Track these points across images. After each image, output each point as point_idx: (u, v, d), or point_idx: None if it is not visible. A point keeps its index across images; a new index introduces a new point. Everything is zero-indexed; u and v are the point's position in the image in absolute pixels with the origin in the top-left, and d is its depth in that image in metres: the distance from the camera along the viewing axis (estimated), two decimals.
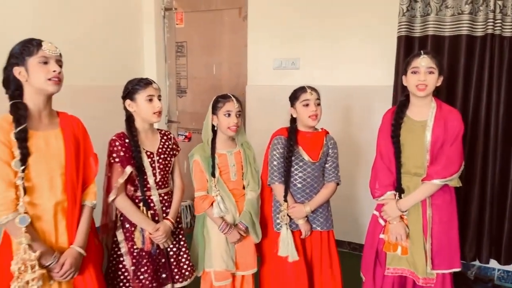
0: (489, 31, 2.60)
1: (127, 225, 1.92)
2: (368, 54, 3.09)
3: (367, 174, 3.13)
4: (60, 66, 1.62)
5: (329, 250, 2.16)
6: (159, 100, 1.95)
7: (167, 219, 1.95)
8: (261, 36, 3.41)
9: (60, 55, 1.63)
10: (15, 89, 1.57)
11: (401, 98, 2.05)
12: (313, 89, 2.16)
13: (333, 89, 3.22)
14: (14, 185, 1.50)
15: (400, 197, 1.96)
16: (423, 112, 1.94)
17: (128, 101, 1.94)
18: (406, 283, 2.00)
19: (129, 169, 1.86)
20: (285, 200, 2.10)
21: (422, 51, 1.95)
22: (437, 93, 1.98)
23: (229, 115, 2.04)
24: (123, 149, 1.88)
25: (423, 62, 1.90)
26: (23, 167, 1.50)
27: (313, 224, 2.14)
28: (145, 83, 1.93)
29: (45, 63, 1.56)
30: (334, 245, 2.19)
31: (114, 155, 1.88)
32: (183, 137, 4.06)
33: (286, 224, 2.10)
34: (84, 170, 1.70)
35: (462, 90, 2.74)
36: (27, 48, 1.54)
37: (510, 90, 2.63)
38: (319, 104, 2.13)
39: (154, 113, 1.92)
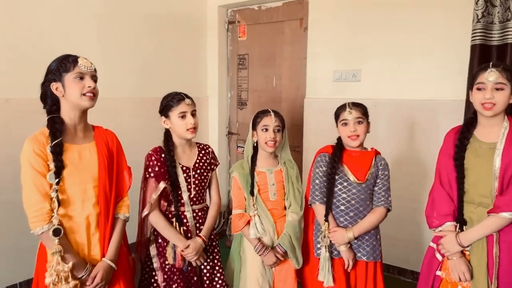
0: None
1: (160, 240, 1.90)
2: (436, 65, 2.80)
3: None
4: (95, 81, 1.64)
5: (374, 285, 1.95)
6: (193, 115, 1.92)
7: (199, 236, 1.90)
8: (320, 47, 3.27)
9: (95, 70, 1.66)
10: (52, 104, 1.62)
11: (469, 116, 1.80)
12: (355, 106, 1.97)
13: (396, 103, 2.99)
14: (49, 197, 1.54)
15: (461, 229, 1.71)
16: (493, 133, 1.68)
17: (163, 118, 1.94)
18: None
19: (162, 185, 1.85)
20: (326, 220, 1.95)
21: (491, 64, 1.70)
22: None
23: (266, 129, 1.97)
24: (158, 164, 1.88)
25: (491, 77, 1.64)
26: (57, 180, 1.54)
27: (358, 253, 1.94)
28: (178, 99, 1.90)
29: (81, 78, 1.59)
30: (381, 279, 1.97)
31: (150, 169, 1.88)
32: (243, 149, 4.02)
33: (325, 246, 1.94)
34: (118, 183, 1.71)
35: None
36: (63, 65, 1.58)
37: None
38: (361, 123, 1.94)
39: (188, 129, 1.89)
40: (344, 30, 3.14)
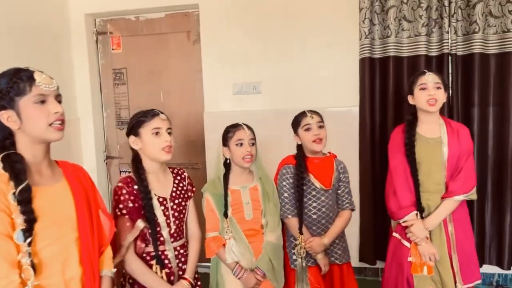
0: (445, 51, 2.80)
1: None
2: (330, 75, 3.07)
3: None
4: (60, 102, 1.27)
5: (349, 285, 2.04)
6: (169, 134, 1.67)
7: (184, 278, 1.66)
8: (217, 60, 3.22)
9: (58, 87, 1.29)
10: (4, 138, 1.20)
11: (408, 117, 2.06)
12: (314, 112, 2.08)
13: (296, 112, 3.13)
14: (17, 265, 1.12)
15: (421, 216, 1.94)
16: (434, 129, 1.98)
17: (132, 138, 1.64)
18: None
19: (141, 224, 1.56)
20: (301, 233, 1.95)
21: (425, 70, 2.00)
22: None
23: (241, 144, 1.86)
24: (131, 197, 1.57)
25: (430, 78, 1.94)
26: (29, 239, 1.13)
27: (331, 257, 2.01)
28: (151, 114, 1.65)
29: (42, 102, 1.21)
30: (353, 278, 2.08)
31: (121, 206, 1.57)
32: (126, 174, 3.62)
33: (301, 258, 1.94)
34: (98, 231, 1.35)
35: None
36: (15, 85, 1.18)
37: (467, 106, 2.84)
38: (322, 127, 2.04)
39: (163, 148, 1.63)
40: (239, 43, 3.17)
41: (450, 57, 2.81)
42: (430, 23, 2.83)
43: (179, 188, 1.74)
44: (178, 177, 1.77)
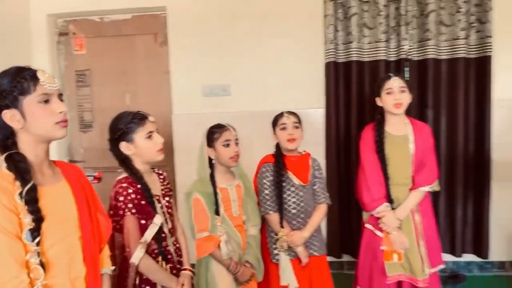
0: (402, 56, 3.02)
1: None
2: (297, 78, 3.19)
3: None
4: (62, 101, 1.28)
5: (326, 276, 2.15)
6: (158, 133, 1.71)
7: (186, 269, 1.72)
8: (186, 62, 3.25)
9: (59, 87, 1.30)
10: (5, 137, 1.19)
11: (377, 117, 2.22)
12: (291, 113, 2.18)
13: (264, 114, 3.22)
14: (26, 265, 1.12)
15: (392, 207, 2.10)
16: (400, 127, 2.15)
17: (124, 144, 1.66)
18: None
19: (159, 220, 1.61)
20: (282, 227, 2.04)
21: (390, 74, 2.17)
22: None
23: (228, 145, 1.91)
24: (138, 196, 1.60)
25: (395, 83, 2.11)
26: (38, 239, 1.13)
27: (310, 249, 2.11)
28: (140, 118, 1.67)
29: (46, 101, 1.21)
30: (328, 269, 2.19)
31: (130, 205, 1.59)
32: (92, 178, 3.54)
33: (284, 251, 2.03)
34: (97, 230, 1.36)
35: None
36: (19, 85, 1.18)
37: (421, 107, 3.08)
38: (297, 127, 2.15)
39: (158, 150, 1.68)
40: (207, 45, 3.22)
41: (407, 62, 3.03)
42: (389, 30, 3.04)
43: (165, 187, 1.79)
44: (161, 177, 1.82)
